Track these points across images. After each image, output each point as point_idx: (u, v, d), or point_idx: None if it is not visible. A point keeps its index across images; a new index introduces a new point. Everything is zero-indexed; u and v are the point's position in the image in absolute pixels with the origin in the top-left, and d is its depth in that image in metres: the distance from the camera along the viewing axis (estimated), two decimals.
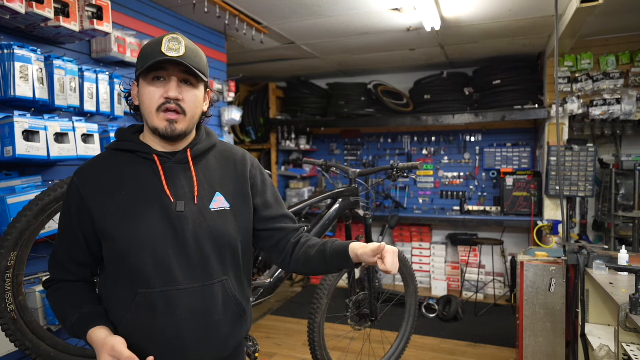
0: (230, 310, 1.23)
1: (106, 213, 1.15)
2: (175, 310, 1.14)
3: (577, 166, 3.99)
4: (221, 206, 1.23)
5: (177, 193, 1.18)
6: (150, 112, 1.15)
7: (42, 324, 1.97)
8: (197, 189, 1.20)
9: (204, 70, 1.19)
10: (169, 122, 1.14)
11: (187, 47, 1.15)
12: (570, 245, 2.46)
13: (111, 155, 1.23)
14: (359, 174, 2.46)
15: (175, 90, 1.14)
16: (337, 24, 3.60)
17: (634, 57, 3.90)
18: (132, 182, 1.17)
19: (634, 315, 1.62)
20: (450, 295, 4.53)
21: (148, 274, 1.13)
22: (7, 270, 1.58)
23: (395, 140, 5.66)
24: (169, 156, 1.20)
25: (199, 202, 1.19)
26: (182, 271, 1.15)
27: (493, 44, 4.22)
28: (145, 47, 1.17)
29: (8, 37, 2.01)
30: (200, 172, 1.23)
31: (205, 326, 1.18)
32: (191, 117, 1.18)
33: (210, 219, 1.20)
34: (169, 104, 1.13)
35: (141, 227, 1.14)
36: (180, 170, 1.20)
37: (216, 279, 1.20)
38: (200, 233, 1.17)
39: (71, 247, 1.20)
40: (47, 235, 1.98)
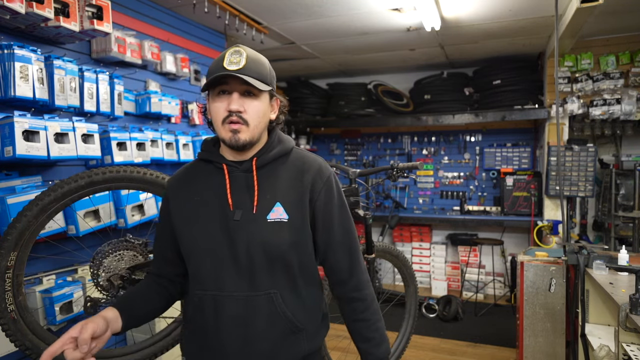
0: (278, 326, 1.19)
1: (180, 217, 1.25)
2: (219, 314, 1.19)
3: (577, 166, 3.99)
4: (278, 217, 1.20)
5: (238, 201, 1.21)
6: (217, 124, 1.20)
7: (42, 324, 1.97)
8: (257, 198, 1.21)
9: (265, 80, 1.19)
10: (232, 132, 1.17)
11: (247, 58, 1.17)
12: (570, 245, 2.46)
13: (196, 164, 1.33)
14: (359, 174, 2.46)
15: (237, 102, 1.16)
16: (337, 24, 3.60)
17: (634, 57, 3.90)
18: (205, 190, 1.25)
19: (634, 315, 1.62)
20: (450, 295, 4.53)
21: (203, 277, 1.21)
22: (7, 270, 1.58)
23: (395, 140, 5.66)
24: (236, 165, 1.24)
25: (257, 211, 1.19)
26: (231, 279, 1.18)
27: (493, 44, 4.22)
28: (213, 62, 1.22)
29: (8, 37, 2.01)
30: (265, 180, 1.23)
31: (245, 336, 1.18)
32: (254, 126, 1.19)
33: (265, 229, 1.18)
34: (232, 116, 1.16)
35: (202, 233, 1.21)
36: (244, 179, 1.23)
37: (262, 291, 1.18)
38: (252, 243, 1.18)
39: (161, 242, 1.34)
40: (47, 235, 1.98)
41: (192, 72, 3.31)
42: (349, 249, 1.29)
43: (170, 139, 2.87)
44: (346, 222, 1.30)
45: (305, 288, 1.26)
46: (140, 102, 2.75)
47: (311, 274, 1.28)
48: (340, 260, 1.28)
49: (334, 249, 1.27)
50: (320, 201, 1.25)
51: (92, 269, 1.86)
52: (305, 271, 1.26)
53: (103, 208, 2.25)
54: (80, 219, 2.12)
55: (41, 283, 2.08)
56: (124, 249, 1.82)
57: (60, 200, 1.66)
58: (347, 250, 1.29)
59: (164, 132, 2.87)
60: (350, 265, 1.29)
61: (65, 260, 2.21)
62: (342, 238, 1.28)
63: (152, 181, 1.81)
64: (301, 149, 1.34)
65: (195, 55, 3.38)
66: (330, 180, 1.27)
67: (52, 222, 1.97)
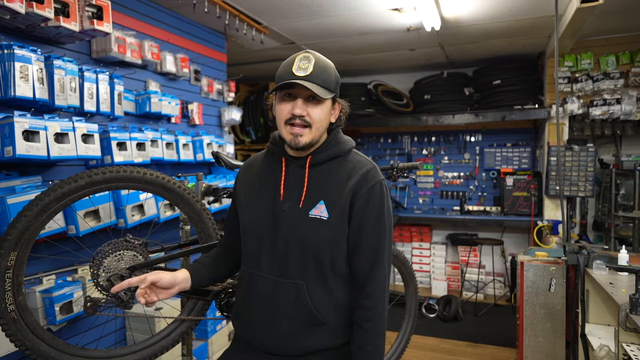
0: (302, 315, 1.27)
1: (242, 199, 1.40)
2: (252, 290, 1.33)
3: (577, 166, 3.99)
4: (319, 214, 1.27)
5: (289, 194, 1.31)
6: (280, 124, 1.29)
7: (42, 324, 1.97)
8: (305, 193, 1.29)
9: (330, 86, 1.26)
10: (293, 135, 1.26)
11: (315, 65, 1.23)
12: (570, 245, 2.46)
13: (265, 154, 1.45)
14: None
15: (301, 107, 1.25)
16: (337, 24, 3.60)
17: (634, 57, 3.90)
18: (265, 179, 1.38)
19: (634, 315, 1.62)
20: (450, 295, 4.53)
21: (248, 255, 1.36)
22: (7, 270, 1.58)
23: (395, 140, 5.66)
24: (294, 160, 1.34)
25: (303, 206, 1.28)
26: (267, 261, 1.31)
27: (493, 44, 4.22)
28: (282, 66, 1.29)
29: (8, 37, 2.01)
30: (315, 177, 1.31)
31: (270, 317, 1.29)
32: (316, 129, 1.27)
33: (305, 224, 1.27)
34: (295, 119, 1.25)
35: (254, 216, 1.35)
36: (298, 174, 1.32)
37: (290, 279, 1.28)
38: (291, 234, 1.28)
39: (230, 217, 1.49)
40: (47, 235, 1.98)
41: (192, 72, 3.31)
42: (375, 256, 1.28)
43: (170, 139, 2.87)
44: (380, 231, 1.29)
45: (336, 284, 1.29)
46: (140, 102, 2.75)
47: (344, 272, 1.30)
48: (363, 265, 1.28)
49: (360, 253, 1.28)
50: (359, 205, 1.26)
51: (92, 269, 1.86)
52: (338, 269, 1.29)
53: (103, 208, 2.25)
54: (80, 219, 2.12)
55: (41, 283, 2.08)
56: (124, 249, 1.82)
57: (60, 200, 1.66)
58: (373, 257, 1.28)
59: (164, 132, 2.87)
60: (370, 272, 1.28)
61: (65, 260, 2.21)
62: (371, 244, 1.28)
63: (152, 181, 1.81)
64: (360, 153, 1.39)
65: (195, 55, 3.38)
66: (375, 187, 1.28)
67: (52, 222, 1.97)
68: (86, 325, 2.32)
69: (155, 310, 2.50)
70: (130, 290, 1.80)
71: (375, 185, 1.28)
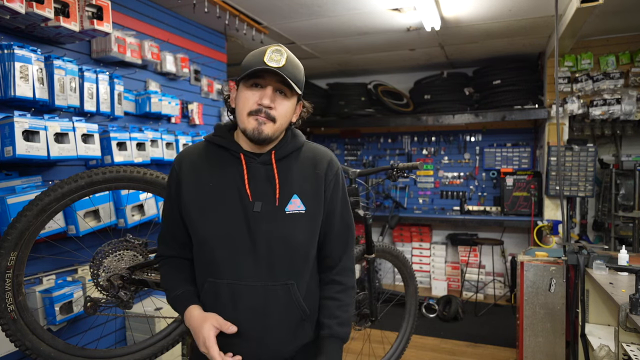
0: (293, 315, 1.25)
1: (193, 201, 1.24)
2: (237, 303, 1.21)
3: (577, 166, 3.99)
4: (296, 209, 1.24)
5: (257, 193, 1.23)
6: (242, 114, 1.21)
7: (42, 324, 1.97)
8: (277, 190, 1.24)
9: (299, 84, 1.24)
10: (257, 123, 1.19)
11: (287, 59, 1.19)
12: (570, 245, 2.46)
13: (207, 147, 1.31)
14: (359, 174, 2.46)
15: (269, 98, 1.19)
16: (337, 24, 3.60)
17: (634, 57, 3.90)
18: (219, 177, 1.25)
19: (634, 315, 1.62)
20: (450, 295, 4.53)
21: (218, 265, 1.22)
22: (7, 270, 1.58)
23: (395, 140, 5.66)
24: (254, 156, 1.25)
25: (279, 203, 1.23)
26: (250, 268, 1.20)
27: (493, 44, 4.22)
28: (250, 55, 1.23)
29: (8, 37, 2.01)
30: (282, 173, 1.26)
31: (263, 325, 1.22)
32: (279, 125, 1.22)
33: (284, 221, 1.22)
34: (261, 110, 1.19)
35: (219, 221, 1.21)
36: (263, 171, 1.25)
37: (280, 282, 1.22)
38: (272, 235, 1.21)
39: (173, 227, 1.31)
40: (47, 235, 1.98)
41: (192, 72, 3.31)
42: (346, 241, 1.35)
43: (170, 139, 2.87)
44: (346, 215, 1.35)
45: (312, 276, 1.31)
46: (140, 102, 2.75)
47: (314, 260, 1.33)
48: (335, 250, 1.33)
49: (331, 239, 1.33)
50: (330, 192, 1.30)
51: (92, 269, 1.86)
52: (314, 260, 1.31)
53: (103, 208, 2.25)
54: (80, 219, 2.12)
55: (41, 283, 2.08)
56: (124, 249, 1.82)
57: (60, 200, 1.66)
58: (344, 242, 1.35)
59: (164, 132, 2.87)
60: (343, 253, 1.35)
61: (65, 260, 2.21)
62: (343, 227, 1.34)
63: (152, 181, 1.81)
64: (311, 142, 1.39)
65: (195, 55, 3.38)
66: (339, 174, 1.34)
67: (52, 222, 1.97)
68: (86, 325, 2.32)
69: (155, 310, 2.50)
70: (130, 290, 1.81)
71: (338, 171, 1.34)
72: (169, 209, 1.31)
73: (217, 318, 1.19)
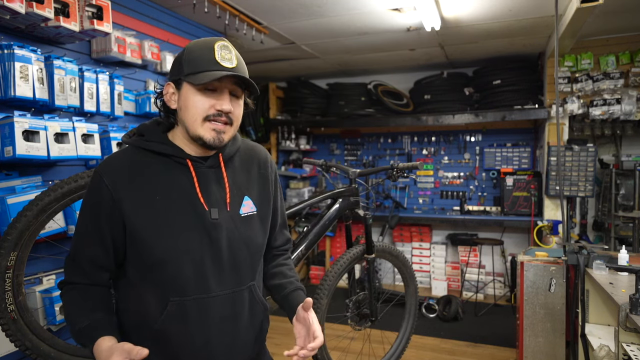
0: (256, 314, 1.25)
1: (140, 219, 1.10)
2: (206, 317, 1.14)
3: (577, 166, 3.99)
4: (250, 211, 1.23)
5: (210, 200, 1.15)
6: (194, 120, 1.11)
7: (42, 324, 1.97)
8: (229, 194, 1.19)
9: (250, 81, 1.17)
10: (216, 132, 1.11)
11: (237, 57, 1.14)
12: (570, 245, 2.46)
13: (138, 154, 1.16)
14: (359, 174, 2.46)
15: (229, 103, 1.12)
16: (337, 24, 3.60)
17: (634, 57, 3.90)
18: (165, 188, 1.13)
19: (634, 315, 1.62)
20: (450, 295, 4.53)
21: (183, 282, 1.12)
22: (7, 270, 1.58)
23: (395, 140, 5.66)
24: (201, 160, 1.17)
25: (230, 208, 1.18)
26: (215, 278, 1.14)
27: (493, 44, 4.22)
28: (195, 51, 1.11)
29: (8, 37, 2.01)
30: (230, 176, 1.22)
31: (233, 331, 1.19)
32: (236, 127, 1.18)
33: (242, 225, 1.20)
34: (220, 116, 1.11)
35: (178, 236, 1.11)
36: (212, 175, 1.18)
37: (245, 285, 1.21)
38: (234, 240, 1.18)
39: (94, 249, 1.13)
40: (47, 235, 1.98)
41: None
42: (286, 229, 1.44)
43: None
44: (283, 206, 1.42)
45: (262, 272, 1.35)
46: (140, 102, 2.75)
47: None
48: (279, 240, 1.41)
49: (277, 232, 1.39)
50: (273, 191, 1.33)
51: None
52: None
53: None
54: None
55: (41, 283, 2.08)
56: None
57: (60, 200, 1.66)
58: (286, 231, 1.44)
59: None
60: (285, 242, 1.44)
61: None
62: (283, 223, 1.42)
63: None
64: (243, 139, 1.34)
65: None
66: (274, 165, 1.37)
67: (52, 222, 1.97)
68: None
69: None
70: None
71: (273, 163, 1.37)
72: (92, 228, 1.12)
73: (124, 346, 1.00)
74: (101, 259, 1.14)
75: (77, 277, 1.16)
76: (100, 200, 1.11)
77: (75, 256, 1.16)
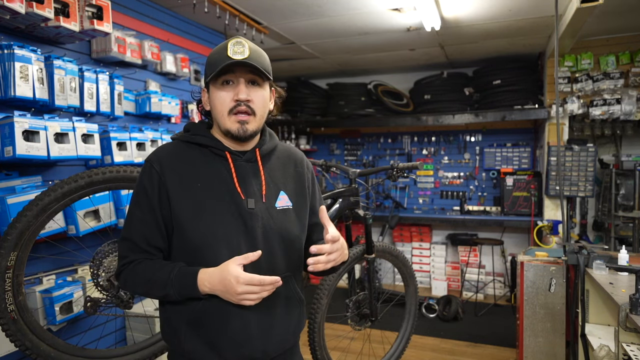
0: (293, 305, 1.29)
1: (183, 203, 1.18)
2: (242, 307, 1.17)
3: (577, 166, 3.99)
4: (285, 204, 1.28)
5: (247, 190, 1.22)
6: (222, 115, 1.19)
7: (42, 324, 1.97)
8: (265, 187, 1.25)
9: (268, 70, 1.23)
10: (240, 123, 1.19)
11: (250, 49, 1.19)
12: (570, 245, 2.46)
13: (184, 147, 1.25)
14: (359, 174, 2.46)
15: (245, 92, 1.18)
16: (337, 24, 3.60)
17: (634, 57, 3.90)
18: (206, 177, 1.21)
19: (634, 315, 1.62)
20: (450, 295, 4.53)
21: None
22: (7, 270, 1.58)
23: (395, 140, 5.66)
24: (239, 154, 1.25)
25: (266, 200, 1.25)
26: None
27: (493, 44, 4.22)
28: (212, 54, 1.21)
29: (8, 37, 2.01)
30: (267, 171, 1.28)
31: (269, 320, 1.23)
32: (260, 116, 1.23)
33: (277, 216, 1.25)
34: (240, 106, 1.18)
35: (215, 223, 1.17)
36: (249, 168, 1.25)
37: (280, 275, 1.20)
38: (269, 230, 1.23)
39: (148, 230, 1.20)
40: (47, 235, 1.98)
41: (192, 72, 3.31)
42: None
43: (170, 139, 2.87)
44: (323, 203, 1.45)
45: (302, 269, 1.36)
46: (140, 102, 2.75)
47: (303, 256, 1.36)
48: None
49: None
50: (310, 189, 1.38)
51: (92, 269, 1.86)
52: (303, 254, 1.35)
53: (103, 208, 2.25)
54: (80, 219, 2.12)
55: (41, 283, 2.08)
56: None
57: (60, 200, 1.66)
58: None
59: (164, 132, 2.87)
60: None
61: (65, 260, 2.21)
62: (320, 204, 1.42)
63: None
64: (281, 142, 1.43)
65: (195, 55, 3.38)
66: (311, 168, 1.43)
67: (52, 222, 1.98)
68: (86, 325, 2.32)
69: (155, 310, 2.50)
70: None
71: (309, 164, 1.42)
72: (144, 212, 1.19)
73: (235, 259, 1.11)
74: (155, 238, 1.21)
75: (137, 255, 1.21)
76: (152, 184, 1.20)
77: (132, 237, 1.21)
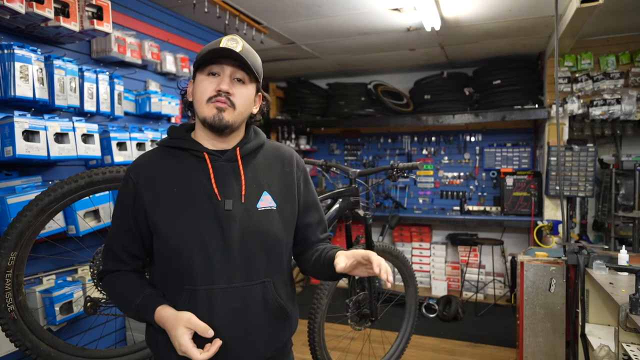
0: (272, 312, 1.22)
1: (159, 209, 1.18)
2: (214, 309, 1.15)
3: (577, 166, 3.99)
4: (268, 205, 1.23)
5: (225, 191, 1.19)
6: (200, 103, 1.18)
7: (42, 324, 1.97)
8: (245, 187, 1.21)
9: (257, 69, 1.22)
10: (217, 110, 1.16)
11: (244, 47, 1.19)
12: (570, 245, 2.46)
13: (163, 152, 1.26)
14: (359, 174, 2.46)
15: (227, 83, 1.17)
16: (337, 24, 3.60)
17: (634, 57, 3.90)
18: (183, 180, 1.20)
19: (634, 315, 1.62)
20: (450, 295, 4.53)
21: (194, 272, 1.15)
22: (7, 270, 1.58)
23: (395, 140, 5.66)
24: (218, 154, 1.22)
25: (246, 200, 1.20)
26: (224, 270, 1.15)
27: (493, 44, 4.22)
28: (206, 47, 1.21)
29: (8, 37, 2.01)
30: (249, 170, 1.24)
31: (244, 326, 1.18)
32: (239, 112, 1.20)
33: (257, 218, 1.20)
34: (220, 96, 1.16)
35: (190, 225, 1.16)
36: (229, 168, 1.22)
37: (257, 280, 1.19)
38: (247, 232, 1.18)
39: (125, 238, 1.22)
40: (47, 235, 1.98)
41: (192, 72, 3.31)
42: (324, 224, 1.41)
43: None
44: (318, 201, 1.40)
45: (289, 274, 1.32)
46: (140, 102, 2.75)
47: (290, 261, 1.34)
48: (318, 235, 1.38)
49: (315, 227, 1.36)
50: (301, 187, 1.33)
51: (92, 269, 1.86)
52: (289, 258, 1.32)
53: (103, 208, 2.25)
54: (80, 219, 2.12)
55: (41, 283, 2.08)
56: None
57: (60, 201, 1.66)
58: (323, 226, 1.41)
59: (164, 132, 2.87)
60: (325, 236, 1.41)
61: (65, 260, 2.21)
62: (320, 217, 1.39)
63: None
64: (271, 140, 1.39)
65: (195, 55, 3.37)
66: (304, 167, 1.38)
67: (52, 222, 1.98)
68: (86, 325, 2.32)
69: None
70: None
71: (303, 164, 1.38)
72: (121, 220, 1.22)
73: (190, 319, 1.10)
74: (132, 247, 1.23)
75: (116, 265, 1.25)
76: (127, 194, 1.21)
77: (111, 246, 1.25)
